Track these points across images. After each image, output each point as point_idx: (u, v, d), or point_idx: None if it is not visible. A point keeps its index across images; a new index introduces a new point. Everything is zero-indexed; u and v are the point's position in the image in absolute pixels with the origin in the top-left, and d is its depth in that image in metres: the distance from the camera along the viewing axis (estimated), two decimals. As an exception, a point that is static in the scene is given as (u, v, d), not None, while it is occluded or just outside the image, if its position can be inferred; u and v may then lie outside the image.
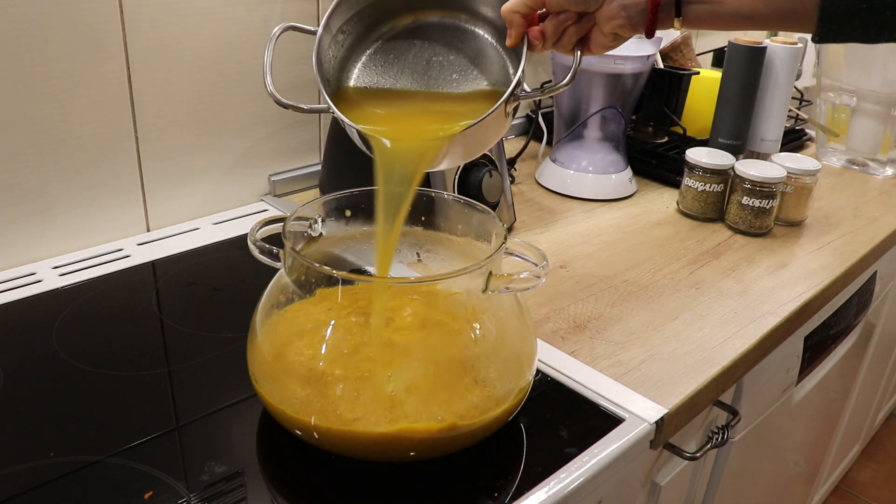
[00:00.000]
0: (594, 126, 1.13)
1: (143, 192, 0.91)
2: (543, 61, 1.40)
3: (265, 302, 0.59)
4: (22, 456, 0.56)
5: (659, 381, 0.69)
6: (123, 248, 0.89)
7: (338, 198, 0.64)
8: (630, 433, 0.62)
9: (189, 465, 0.56)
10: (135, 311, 0.76)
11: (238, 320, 0.65)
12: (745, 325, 0.79)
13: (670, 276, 0.89)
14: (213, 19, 0.90)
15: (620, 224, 1.03)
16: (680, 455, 0.74)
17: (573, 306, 0.81)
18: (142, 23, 0.84)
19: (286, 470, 0.56)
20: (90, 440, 0.58)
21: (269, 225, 0.60)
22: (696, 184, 1.04)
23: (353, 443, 0.53)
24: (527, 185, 1.15)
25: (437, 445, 0.54)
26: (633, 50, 1.09)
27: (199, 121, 0.93)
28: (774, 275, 0.91)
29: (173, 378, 0.66)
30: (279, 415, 0.56)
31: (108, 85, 0.84)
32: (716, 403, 0.81)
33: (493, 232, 0.61)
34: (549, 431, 0.62)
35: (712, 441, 0.78)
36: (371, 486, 0.55)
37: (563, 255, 0.93)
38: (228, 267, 0.86)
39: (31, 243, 0.84)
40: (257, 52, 0.96)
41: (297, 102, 0.67)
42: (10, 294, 0.78)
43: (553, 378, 0.68)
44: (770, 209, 1.01)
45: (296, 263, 0.57)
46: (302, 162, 1.07)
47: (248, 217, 0.99)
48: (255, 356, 0.57)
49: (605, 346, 0.74)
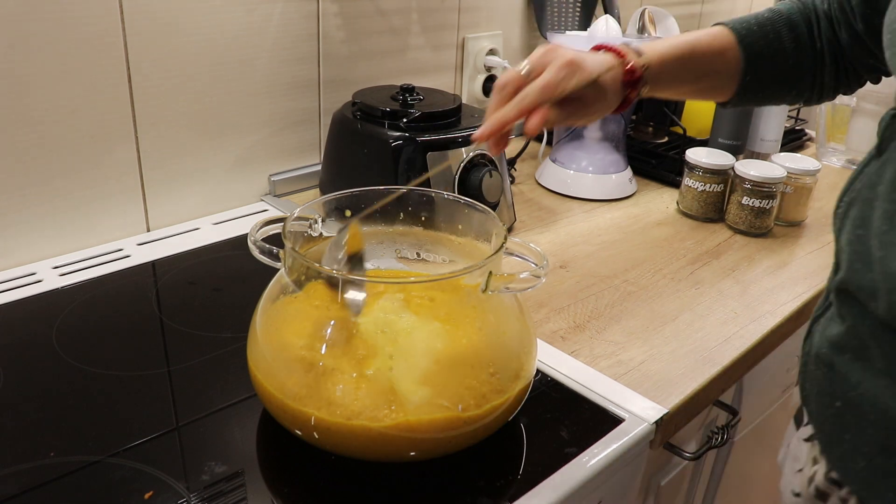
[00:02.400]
0: (594, 126, 1.13)
1: (143, 192, 0.91)
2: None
3: (265, 302, 0.59)
4: (22, 456, 0.56)
5: (659, 381, 0.69)
6: (123, 248, 0.89)
7: (338, 198, 0.64)
8: (630, 433, 0.62)
9: (189, 465, 0.56)
10: (135, 311, 0.76)
11: (238, 320, 0.65)
12: (745, 325, 0.79)
13: (670, 276, 0.89)
14: (213, 19, 0.90)
15: (620, 224, 1.03)
16: (680, 455, 0.74)
17: (573, 306, 0.81)
18: (142, 23, 0.84)
19: (286, 470, 0.56)
20: (90, 440, 0.58)
21: (269, 225, 0.60)
22: (696, 184, 1.04)
23: (353, 442, 0.53)
24: (527, 185, 1.15)
25: (437, 445, 0.54)
26: (633, 50, 1.09)
27: (198, 121, 0.93)
28: (774, 275, 0.91)
29: (173, 378, 0.66)
30: (279, 414, 0.56)
31: (108, 85, 0.84)
32: (716, 403, 0.81)
33: (493, 232, 0.61)
34: (549, 431, 0.62)
35: (712, 441, 0.78)
36: (371, 486, 0.55)
37: (563, 255, 0.93)
38: (228, 267, 0.86)
39: (31, 243, 0.84)
40: (257, 52, 0.96)
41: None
42: (10, 294, 0.78)
43: (553, 378, 0.68)
44: (770, 209, 1.01)
45: (296, 263, 0.57)
46: (302, 162, 1.07)
47: (248, 217, 0.99)
48: (255, 356, 0.57)
49: (605, 346, 0.74)
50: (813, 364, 0.56)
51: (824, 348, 0.55)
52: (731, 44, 0.70)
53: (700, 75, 0.71)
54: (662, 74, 0.68)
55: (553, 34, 1.13)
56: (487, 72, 1.26)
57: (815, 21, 0.71)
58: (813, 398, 0.57)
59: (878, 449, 0.49)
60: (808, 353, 0.58)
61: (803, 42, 0.70)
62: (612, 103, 0.67)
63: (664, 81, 0.69)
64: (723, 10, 1.85)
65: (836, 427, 0.53)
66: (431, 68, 1.19)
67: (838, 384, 0.53)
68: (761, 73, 0.71)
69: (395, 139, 0.89)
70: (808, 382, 0.57)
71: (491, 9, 1.25)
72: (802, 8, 0.71)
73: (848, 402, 0.52)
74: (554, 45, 0.62)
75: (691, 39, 0.70)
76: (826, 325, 0.55)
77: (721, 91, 0.73)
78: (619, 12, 1.36)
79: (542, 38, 1.34)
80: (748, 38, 0.70)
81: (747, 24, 0.71)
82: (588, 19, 1.36)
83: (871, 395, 0.50)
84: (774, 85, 0.72)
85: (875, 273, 0.48)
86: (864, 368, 0.51)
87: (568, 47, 0.63)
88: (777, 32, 0.70)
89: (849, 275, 0.52)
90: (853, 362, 0.52)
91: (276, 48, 0.97)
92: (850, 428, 0.51)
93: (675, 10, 1.59)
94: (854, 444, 0.51)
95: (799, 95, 0.74)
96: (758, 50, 0.70)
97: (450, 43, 1.20)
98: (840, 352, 0.53)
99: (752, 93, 0.72)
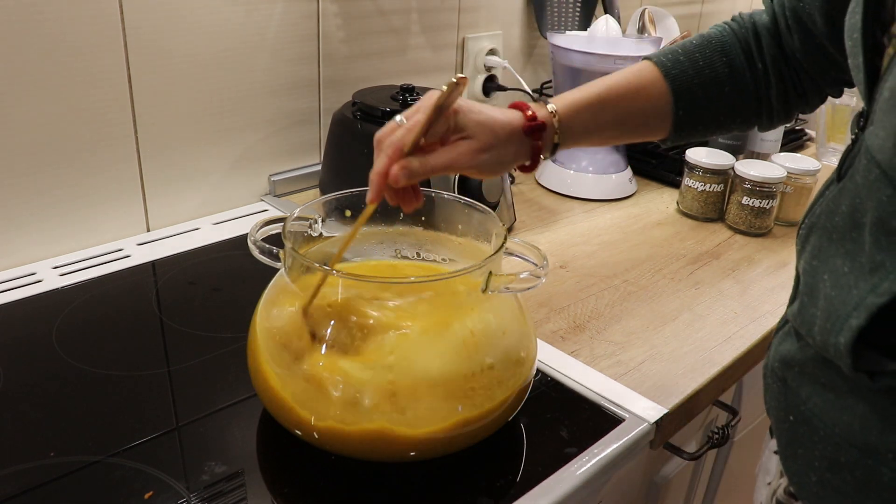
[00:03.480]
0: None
1: (143, 192, 0.91)
2: (543, 61, 1.40)
3: (265, 302, 0.59)
4: (22, 456, 0.56)
5: (659, 381, 0.69)
6: (123, 248, 0.89)
7: (338, 198, 0.64)
8: (630, 433, 0.62)
9: (189, 465, 0.56)
10: (135, 311, 0.76)
11: (238, 320, 0.65)
12: (745, 325, 0.79)
13: (670, 276, 0.89)
14: (213, 19, 0.90)
15: (620, 224, 1.03)
16: (680, 455, 0.74)
17: (573, 306, 0.81)
18: (142, 23, 0.84)
19: (286, 470, 0.56)
20: (90, 440, 0.58)
21: (269, 225, 0.60)
22: (696, 184, 1.04)
23: (353, 442, 0.53)
24: (527, 185, 1.15)
25: (437, 445, 0.54)
26: (633, 50, 1.09)
27: (199, 121, 0.93)
28: (774, 275, 0.91)
29: (173, 378, 0.66)
30: (279, 414, 0.56)
31: (108, 85, 0.84)
32: (716, 403, 0.81)
33: (493, 232, 0.61)
34: (549, 431, 0.62)
35: (712, 441, 0.78)
36: (371, 487, 0.55)
37: (563, 255, 0.93)
38: (228, 267, 0.86)
39: (31, 243, 0.84)
40: (257, 52, 0.96)
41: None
42: (10, 294, 0.78)
43: (553, 378, 0.68)
44: (770, 209, 1.01)
45: (296, 263, 0.57)
46: (302, 162, 1.07)
47: (248, 217, 0.99)
48: (255, 356, 0.57)
49: (605, 346, 0.74)
50: (770, 377, 0.56)
51: (777, 363, 0.54)
52: (656, 79, 0.65)
53: (622, 116, 0.66)
54: (577, 120, 0.64)
55: (553, 34, 1.13)
56: (487, 72, 1.26)
57: (754, 40, 0.65)
58: (772, 411, 0.56)
59: (828, 464, 0.48)
60: (766, 365, 0.57)
61: (739, 66, 0.65)
62: (516, 154, 0.62)
63: (581, 127, 0.64)
64: (723, 10, 1.85)
65: (791, 441, 0.53)
66: (431, 68, 1.19)
67: (791, 398, 0.52)
68: (695, 105, 0.65)
69: (395, 139, 0.89)
70: (768, 395, 0.57)
71: (491, 9, 1.25)
72: (737, 29, 0.66)
73: (799, 417, 0.51)
74: (429, 93, 0.58)
75: (607, 81, 0.66)
76: (781, 340, 0.55)
77: (654, 130, 0.68)
78: (619, 12, 1.36)
79: (542, 38, 1.34)
80: (674, 69, 0.65)
81: (673, 55, 0.66)
82: (588, 19, 1.36)
83: (819, 410, 0.49)
84: (713, 115, 0.67)
85: (819, 309, 0.47)
86: (812, 383, 0.50)
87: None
88: (708, 59, 0.65)
89: (797, 305, 0.51)
90: (801, 377, 0.51)
91: (276, 48, 0.97)
92: (803, 442, 0.51)
93: (675, 10, 1.59)
94: (806, 458, 0.50)
95: (745, 122, 0.68)
96: (687, 81, 0.65)
97: (450, 43, 1.20)
98: (790, 367, 0.52)
99: (690, 127, 0.67)
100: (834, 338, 0.45)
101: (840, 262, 0.45)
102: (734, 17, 0.68)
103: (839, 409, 0.47)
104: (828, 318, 0.46)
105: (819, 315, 0.47)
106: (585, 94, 0.65)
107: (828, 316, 0.46)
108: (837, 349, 0.44)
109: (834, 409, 0.48)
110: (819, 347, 0.47)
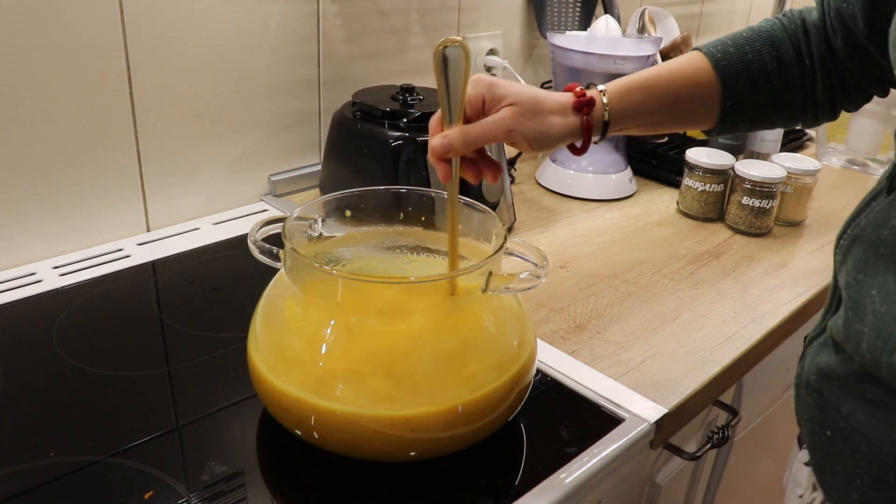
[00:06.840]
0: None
1: (143, 192, 0.91)
2: (543, 61, 1.40)
3: (265, 302, 0.59)
4: (22, 456, 0.56)
5: (659, 381, 0.69)
6: (123, 248, 0.89)
7: (338, 198, 0.64)
8: (630, 433, 0.62)
9: (189, 465, 0.56)
10: (135, 311, 0.76)
11: (238, 320, 0.65)
12: (745, 325, 0.79)
13: (670, 276, 0.89)
14: (213, 19, 0.90)
15: (620, 224, 1.03)
16: (680, 455, 0.74)
17: (573, 306, 0.81)
18: (142, 23, 0.84)
19: (286, 470, 0.56)
20: (90, 440, 0.58)
21: (269, 225, 0.60)
22: (696, 184, 1.04)
23: (353, 442, 0.53)
24: (527, 185, 1.15)
25: (437, 445, 0.54)
26: (633, 50, 1.09)
27: (198, 121, 0.93)
28: (774, 275, 0.91)
29: (173, 378, 0.66)
30: (279, 414, 0.56)
31: (108, 85, 0.84)
32: (716, 403, 0.81)
33: (493, 232, 0.61)
34: (549, 431, 0.62)
35: (712, 441, 0.78)
36: (371, 486, 0.55)
37: (563, 255, 0.93)
38: (228, 267, 0.86)
39: (31, 243, 0.84)
40: (257, 53, 0.96)
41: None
42: (10, 294, 0.78)
43: (553, 378, 0.68)
44: (770, 209, 1.01)
45: (296, 263, 0.57)
46: (302, 162, 1.07)
47: (248, 217, 0.99)
48: (255, 355, 0.57)
49: (605, 346, 0.74)
50: (804, 389, 0.54)
51: (813, 375, 0.53)
52: (705, 68, 0.65)
53: (670, 102, 0.66)
54: (626, 101, 0.64)
55: (553, 34, 1.13)
56: (487, 72, 1.26)
57: (803, 36, 0.66)
58: (805, 424, 0.55)
59: (872, 482, 0.47)
60: (799, 376, 0.56)
61: (788, 60, 0.65)
62: (563, 129, 0.62)
63: (630, 108, 0.65)
64: (723, 10, 1.85)
65: (827, 456, 0.51)
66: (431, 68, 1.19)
67: (829, 413, 0.51)
68: (742, 97, 0.66)
69: (395, 139, 0.89)
70: (801, 407, 0.55)
71: (491, 9, 1.25)
72: (787, 24, 0.66)
73: (839, 433, 0.50)
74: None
75: (657, 67, 0.66)
76: (818, 351, 0.53)
77: (701, 119, 0.68)
78: (619, 12, 1.36)
79: (542, 38, 1.34)
80: (723, 60, 0.65)
81: (723, 46, 0.66)
82: (588, 19, 1.36)
83: (862, 427, 0.47)
84: (760, 108, 0.67)
85: (866, 325, 0.46)
86: (855, 398, 0.48)
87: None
88: (757, 52, 0.65)
89: (841, 320, 0.49)
90: (842, 391, 0.49)
91: (276, 48, 0.97)
92: (843, 459, 0.49)
93: (675, 10, 1.59)
94: (847, 475, 0.49)
95: (791, 118, 0.69)
96: (735, 73, 0.65)
97: (450, 43, 1.20)
98: (829, 380, 0.51)
99: (736, 118, 0.67)
100: (888, 357, 0.44)
101: (891, 278, 0.45)
102: (784, 13, 0.68)
103: (887, 427, 0.46)
104: (878, 336, 0.45)
105: (867, 332, 0.46)
106: (634, 77, 0.66)
107: (878, 333, 0.45)
108: (891, 368, 0.44)
109: (881, 426, 0.46)
110: (869, 365, 0.46)
